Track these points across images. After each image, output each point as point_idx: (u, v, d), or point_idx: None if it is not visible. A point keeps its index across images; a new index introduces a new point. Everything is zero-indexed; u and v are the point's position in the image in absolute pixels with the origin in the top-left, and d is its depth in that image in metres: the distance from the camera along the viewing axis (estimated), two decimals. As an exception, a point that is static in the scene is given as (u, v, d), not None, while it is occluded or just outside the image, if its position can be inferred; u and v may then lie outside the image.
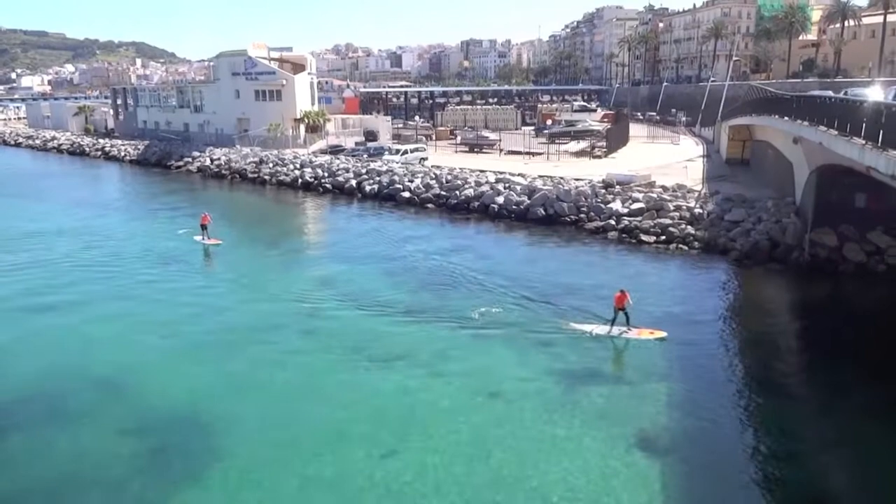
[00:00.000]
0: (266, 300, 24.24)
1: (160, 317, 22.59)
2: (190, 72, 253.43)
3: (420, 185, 42.98)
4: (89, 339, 20.71)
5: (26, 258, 30.29)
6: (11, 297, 24.77)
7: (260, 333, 20.91)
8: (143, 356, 19.33)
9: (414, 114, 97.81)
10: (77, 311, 23.22)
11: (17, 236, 34.77)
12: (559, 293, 23.93)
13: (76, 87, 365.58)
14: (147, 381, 17.71)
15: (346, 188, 46.60)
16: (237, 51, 71.09)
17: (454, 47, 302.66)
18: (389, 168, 47.97)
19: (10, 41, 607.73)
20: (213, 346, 20.06)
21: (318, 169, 51.10)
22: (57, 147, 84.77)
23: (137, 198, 50.79)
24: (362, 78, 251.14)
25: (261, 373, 18.11)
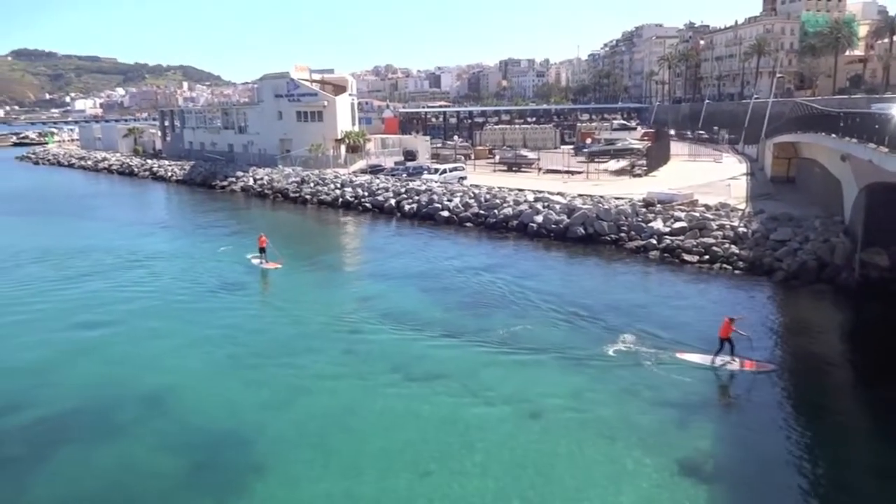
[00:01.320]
0: (307, 319, 24.50)
1: (205, 334, 23.03)
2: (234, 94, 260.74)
3: (459, 204, 43.13)
4: (137, 355, 21.22)
5: (78, 276, 31.24)
6: (63, 313, 25.54)
7: (301, 352, 21.13)
8: (189, 372, 19.72)
9: (452, 133, 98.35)
10: (126, 327, 23.84)
11: (68, 254, 35.87)
12: (600, 313, 23.67)
13: (126, 109, 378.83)
14: (191, 397, 18.06)
15: (385, 207, 47.03)
16: (280, 73, 72.69)
17: (493, 67, 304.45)
18: (428, 187, 48.29)
19: (65, 66, 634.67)
20: (255, 363, 20.34)
21: (358, 188, 51.73)
22: (107, 168, 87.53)
23: (184, 217, 52.05)
24: (401, 98, 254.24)
25: (302, 391, 18.28)
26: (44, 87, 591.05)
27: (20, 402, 17.88)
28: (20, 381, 19.32)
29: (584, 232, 35.46)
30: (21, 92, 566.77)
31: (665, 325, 22.17)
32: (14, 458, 15.22)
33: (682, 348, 20.02)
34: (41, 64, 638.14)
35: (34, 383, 19.09)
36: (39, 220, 49.54)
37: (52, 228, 45.60)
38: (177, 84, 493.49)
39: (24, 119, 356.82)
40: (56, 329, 23.76)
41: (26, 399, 18.04)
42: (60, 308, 26.08)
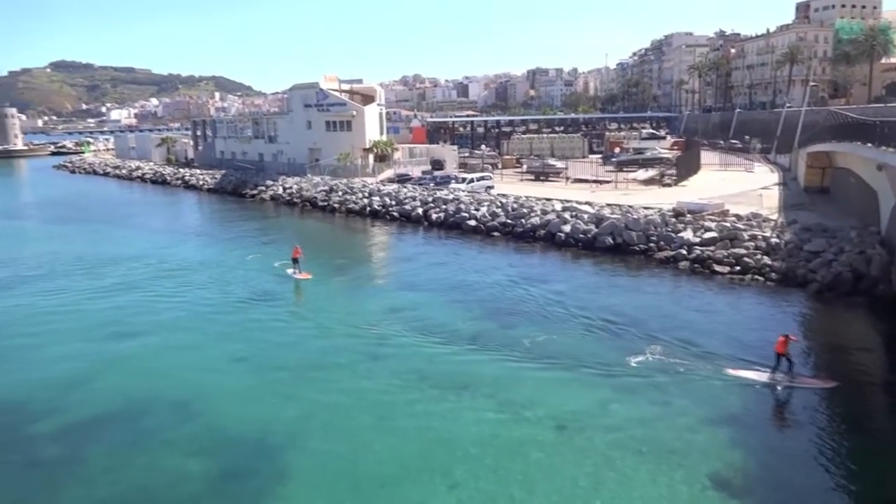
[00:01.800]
0: (335, 329, 24.61)
1: (234, 344, 23.23)
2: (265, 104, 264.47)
3: (486, 213, 43.10)
4: (168, 363, 21.49)
5: (110, 284, 31.80)
6: (96, 321, 26.02)
7: (329, 362, 21.19)
8: (218, 381, 19.93)
9: (480, 143, 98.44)
10: (157, 335, 24.17)
11: (101, 262, 36.57)
12: (629, 324, 23.42)
13: (160, 119, 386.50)
14: (221, 406, 18.21)
15: (412, 216, 47.19)
16: (310, 83, 73.54)
17: (520, 76, 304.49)
18: (456, 196, 48.34)
19: (101, 77, 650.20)
20: (283, 373, 20.45)
21: (385, 197, 52.01)
22: (141, 176, 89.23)
23: (214, 225, 52.79)
24: (429, 108, 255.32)
25: (329, 401, 18.31)
26: (81, 98, 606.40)
27: (55, 407, 18.23)
28: (54, 386, 19.66)
29: (612, 242, 35.17)
30: (59, 102, 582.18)
31: (696, 337, 21.84)
32: (49, 461, 15.51)
33: (719, 362, 19.71)
34: (79, 75, 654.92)
35: (68, 389, 19.42)
36: (74, 228, 50.63)
37: (86, 236, 46.56)
38: (209, 94, 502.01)
39: (62, 129, 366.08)
40: (89, 337, 24.18)
41: (60, 404, 18.38)
42: (94, 316, 26.55)
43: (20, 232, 50.53)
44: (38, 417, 17.62)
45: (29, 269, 35.21)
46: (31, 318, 26.31)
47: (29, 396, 18.97)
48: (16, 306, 28.13)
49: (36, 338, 24.00)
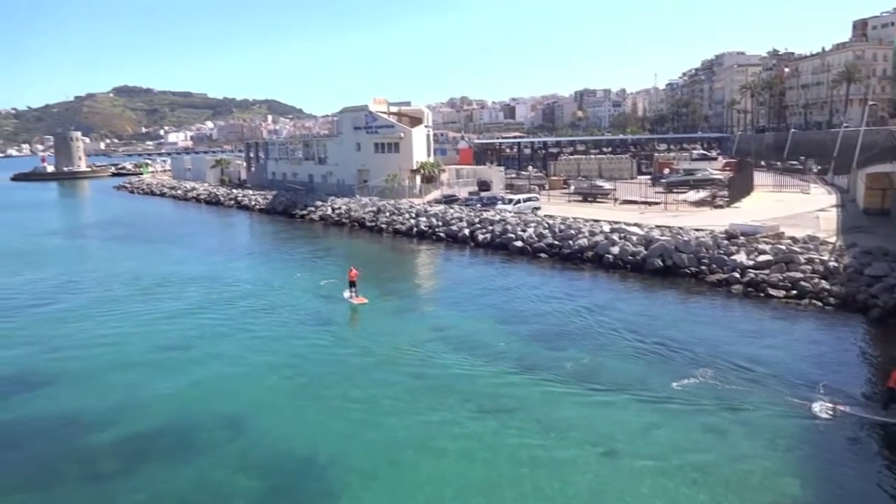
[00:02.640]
0: (380, 348, 24.75)
1: (283, 362, 23.56)
2: (315, 126, 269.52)
3: (533, 234, 42.93)
4: (219, 379, 21.93)
5: (165, 301, 32.77)
6: (149, 336, 26.79)
7: (376, 382, 21.28)
8: (266, 398, 20.22)
9: (527, 164, 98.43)
10: (209, 352, 24.74)
11: (157, 280, 37.71)
12: (679, 348, 22.91)
13: (214, 141, 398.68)
14: (269, 422, 18.45)
15: (459, 237, 47.34)
16: (359, 106, 74.84)
17: (567, 98, 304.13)
18: (502, 217, 48.33)
19: (160, 101, 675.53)
20: (330, 392, 20.61)
21: (432, 218, 52.35)
22: (196, 197, 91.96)
23: (266, 245, 53.80)
24: (476, 129, 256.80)
25: (375, 420, 18.38)
26: (141, 121, 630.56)
27: (110, 420, 18.77)
28: (110, 400, 20.26)
29: (662, 264, 34.58)
30: (120, 126, 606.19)
31: (751, 363, 21.22)
32: (104, 473, 15.96)
33: (775, 389, 19.11)
34: (139, 100, 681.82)
35: (123, 404, 19.98)
36: (132, 247, 52.35)
37: (142, 255, 48.09)
38: (262, 117, 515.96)
39: (123, 151, 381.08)
40: (144, 353, 24.85)
41: (116, 418, 18.92)
42: (149, 334, 27.28)
43: (81, 250, 52.51)
44: (94, 430, 18.16)
45: (88, 288, 36.50)
46: (90, 335, 27.19)
47: (86, 410, 19.57)
48: (75, 323, 29.11)
49: (94, 353, 24.78)
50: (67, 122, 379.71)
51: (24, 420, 19.11)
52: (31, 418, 19.20)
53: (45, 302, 33.20)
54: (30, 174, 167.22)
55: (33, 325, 28.79)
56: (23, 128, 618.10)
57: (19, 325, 28.96)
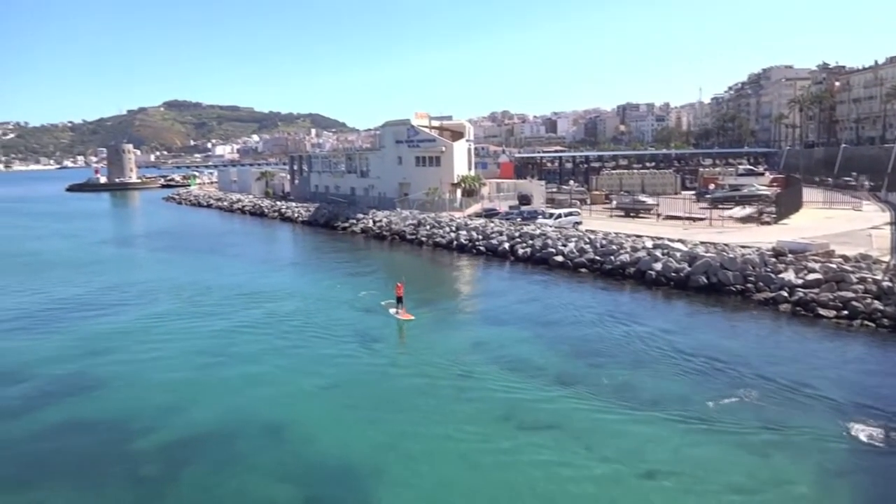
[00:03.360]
0: (420, 361, 24.79)
1: (326, 374, 23.77)
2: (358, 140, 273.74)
3: (573, 249, 42.59)
4: (260, 389, 22.18)
5: (208, 311, 33.47)
6: (194, 346, 27.36)
7: (414, 395, 21.29)
8: (307, 410, 20.39)
9: (568, 178, 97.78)
10: (251, 362, 25.09)
11: (201, 289, 38.61)
12: (724, 367, 22.39)
13: (259, 154, 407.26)
14: (309, 434, 18.57)
15: (499, 251, 47.23)
16: (401, 120, 75.56)
17: (610, 112, 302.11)
18: (542, 232, 48.09)
19: (208, 115, 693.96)
20: (370, 405, 20.67)
21: (472, 232, 52.38)
22: (241, 209, 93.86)
23: (308, 256, 54.62)
24: (517, 143, 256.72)
25: (414, 434, 18.36)
26: (189, 134, 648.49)
27: (154, 426, 19.18)
28: (155, 407, 20.73)
29: (706, 281, 33.90)
30: (170, 138, 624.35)
31: (799, 385, 20.59)
32: (147, 477, 16.27)
33: (825, 413, 18.50)
34: (188, 113, 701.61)
35: (167, 410, 20.41)
36: (178, 256, 53.70)
37: (188, 264, 49.27)
38: (306, 131, 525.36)
39: (171, 163, 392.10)
40: (187, 361, 25.39)
41: (160, 424, 19.32)
42: (193, 342, 27.89)
43: (130, 259, 54.03)
44: (139, 435, 18.58)
45: (136, 297, 37.49)
46: (135, 342, 27.91)
47: (132, 415, 20.04)
48: (124, 331, 29.91)
49: (142, 361, 25.43)
50: (120, 134, 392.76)
51: (75, 423, 19.67)
52: (81, 421, 19.76)
53: (96, 310, 34.24)
54: (84, 185, 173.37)
55: (86, 333, 29.68)
56: (78, 140, 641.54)
57: (74, 333, 29.89)
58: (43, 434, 18.94)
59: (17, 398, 21.74)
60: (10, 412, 20.54)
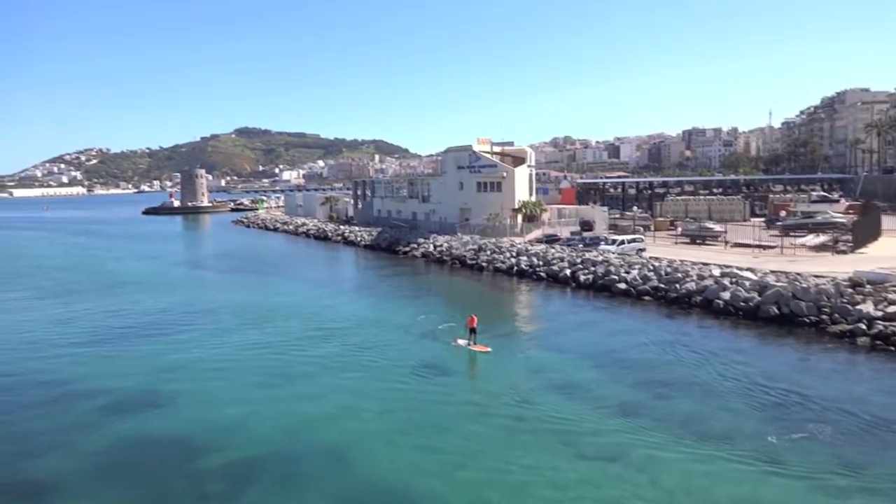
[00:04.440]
0: (481, 387, 24.72)
1: (389, 399, 23.85)
2: (420, 165, 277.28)
3: (637, 276, 41.76)
4: (323, 412, 22.40)
5: (273, 333, 34.24)
6: (258, 367, 27.98)
7: (472, 422, 21.16)
8: (369, 433, 20.45)
9: (631, 204, 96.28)
10: (315, 385, 25.47)
11: (267, 312, 39.51)
12: (796, 402, 21.46)
13: (324, 179, 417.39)
14: (370, 458, 18.64)
15: (560, 277, 46.75)
16: (463, 146, 76.17)
17: (675, 137, 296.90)
18: (605, 258, 47.39)
19: (276, 142, 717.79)
20: (428, 430, 20.61)
21: (533, 257, 52.06)
22: (305, 232, 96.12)
23: (370, 280, 55.25)
24: (579, 169, 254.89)
25: (473, 461, 18.19)
26: (258, 160, 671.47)
27: (219, 445, 19.65)
28: (219, 426, 21.25)
29: (777, 312, 32.65)
30: (240, 164, 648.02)
31: (878, 424, 19.51)
32: (211, 495, 16.66)
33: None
34: (258, 140, 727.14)
35: (231, 430, 20.89)
36: (244, 278, 55.32)
37: (254, 286, 50.69)
38: (369, 157, 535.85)
39: (241, 188, 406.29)
40: (252, 380, 25.98)
41: (224, 443, 19.78)
42: (255, 361, 28.56)
43: (199, 280, 55.96)
44: (204, 452, 19.08)
45: (204, 317, 38.79)
46: (201, 361, 28.79)
47: (197, 432, 20.61)
48: (191, 350, 30.94)
49: (207, 380, 26.18)
50: (194, 160, 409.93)
51: (144, 437, 20.34)
52: (150, 436, 20.43)
53: (166, 330, 35.55)
54: (158, 208, 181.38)
55: (156, 351, 30.81)
56: (155, 166, 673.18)
57: (145, 351, 31.09)
58: (115, 447, 19.66)
59: (93, 412, 22.68)
60: (86, 425, 21.42)
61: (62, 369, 28.03)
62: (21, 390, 25.28)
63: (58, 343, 32.77)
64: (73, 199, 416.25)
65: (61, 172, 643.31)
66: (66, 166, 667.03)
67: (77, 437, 20.44)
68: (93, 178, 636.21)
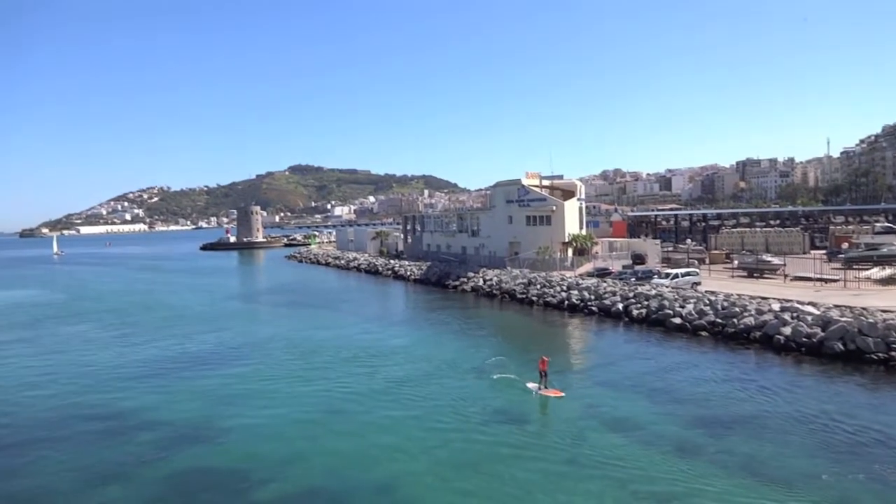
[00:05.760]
0: (531, 421, 24.29)
1: (439, 435, 23.72)
2: (469, 200, 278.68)
3: (692, 310, 40.73)
4: (374, 448, 22.34)
5: (328, 367, 34.55)
6: (308, 401, 28.23)
7: (525, 457, 20.81)
8: (418, 474, 20.23)
9: (685, 237, 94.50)
10: (369, 420, 25.47)
11: (317, 346, 39.98)
12: (868, 444, 20.39)
13: (375, 214, 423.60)
14: (419, 495, 18.51)
15: (612, 311, 45.97)
16: (511, 180, 76.33)
17: (728, 168, 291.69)
18: (658, 292, 46.45)
19: (328, 178, 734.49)
20: (483, 470, 20.35)
21: (584, 291, 51.41)
22: (357, 266, 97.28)
23: (421, 315, 55.26)
24: (630, 202, 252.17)
25: (526, 498, 17.89)
26: (311, 196, 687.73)
27: (272, 475, 19.80)
28: (273, 457, 21.43)
29: (842, 348, 31.31)
30: (293, 200, 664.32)
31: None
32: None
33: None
34: (310, 177, 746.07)
35: (284, 460, 21.06)
36: (296, 312, 56.11)
37: (306, 319, 51.29)
38: (419, 192, 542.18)
39: (294, 223, 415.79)
40: (305, 414, 26.19)
41: (277, 476, 19.90)
42: (306, 396, 28.77)
43: (252, 314, 57.03)
44: (257, 485, 19.21)
45: (256, 349, 39.50)
46: (253, 395, 29.13)
47: (250, 465, 20.78)
48: (241, 384, 31.42)
49: (256, 412, 26.49)
50: (249, 197, 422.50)
51: (199, 469, 20.66)
52: (204, 468, 20.74)
53: (220, 362, 36.31)
54: (215, 244, 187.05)
55: (210, 384, 31.43)
56: (212, 203, 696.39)
57: (199, 383, 31.76)
58: (170, 478, 20.00)
59: (149, 443, 23.17)
60: (143, 456, 21.87)
61: (123, 401, 28.82)
62: (84, 421, 26.06)
63: (119, 375, 33.76)
64: (135, 235, 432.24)
65: (125, 210, 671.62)
66: (130, 204, 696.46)
67: (135, 468, 20.88)
68: (154, 215, 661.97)
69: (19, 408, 28.38)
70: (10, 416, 27.22)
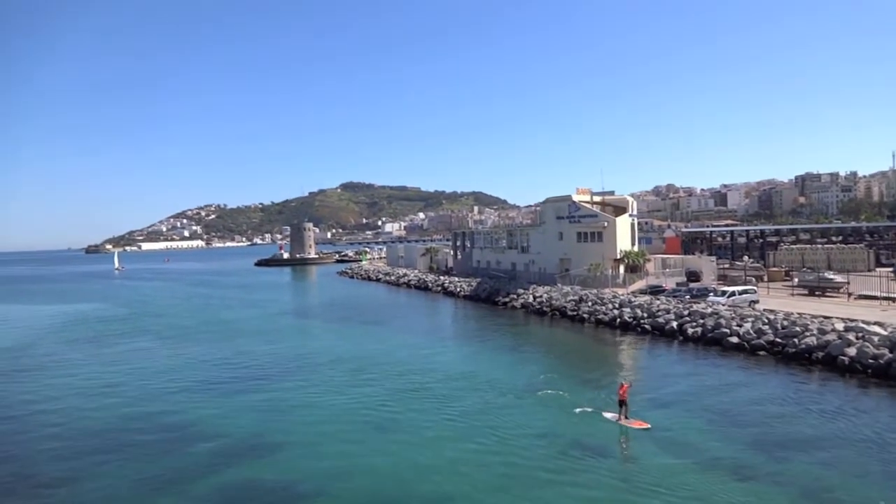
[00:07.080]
0: (581, 445, 23.92)
1: (492, 454, 23.54)
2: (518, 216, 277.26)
3: (750, 329, 39.54)
4: (423, 466, 22.26)
5: (373, 381, 34.79)
6: (359, 417, 28.38)
7: (579, 483, 20.45)
8: (470, 493, 20.08)
9: (741, 253, 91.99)
10: (418, 438, 25.43)
11: (368, 361, 40.30)
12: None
13: (425, 231, 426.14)
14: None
15: (666, 330, 45.00)
16: (562, 197, 75.86)
17: (787, 183, 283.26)
18: (714, 310, 45.27)
19: (379, 195, 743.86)
20: (531, 490, 20.19)
21: (637, 309, 50.51)
22: (406, 283, 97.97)
23: (470, 331, 55.16)
24: (683, 218, 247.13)
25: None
26: (362, 213, 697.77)
27: (320, 489, 20.00)
28: (321, 472, 21.63)
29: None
30: (345, 217, 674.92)
31: None
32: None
33: None
34: (361, 194, 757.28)
35: (332, 475, 21.24)
36: (347, 327, 56.68)
37: (356, 335, 51.76)
38: (468, 208, 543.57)
39: (345, 240, 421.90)
40: (352, 430, 26.32)
41: (325, 489, 20.10)
42: (356, 413, 28.89)
43: (304, 329, 57.90)
44: (306, 499, 19.44)
45: (306, 364, 40.06)
46: (304, 410, 29.48)
47: (300, 478, 21.01)
48: (292, 398, 31.87)
49: (308, 429, 26.76)
50: (302, 214, 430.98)
51: (248, 483, 20.91)
52: (255, 481, 21.02)
53: (272, 376, 36.95)
54: (269, 260, 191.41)
55: (262, 398, 31.98)
56: (267, 220, 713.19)
57: (252, 397, 32.33)
58: (224, 491, 20.35)
59: (203, 455, 23.65)
60: (197, 468, 22.35)
61: (179, 413, 29.58)
62: (142, 432, 26.83)
63: (176, 388, 34.70)
64: (192, 251, 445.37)
65: (183, 227, 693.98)
66: (188, 221, 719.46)
67: (189, 481, 21.32)
68: (211, 232, 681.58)
69: (83, 418, 29.44)
70: (74, 425, 28.28)
